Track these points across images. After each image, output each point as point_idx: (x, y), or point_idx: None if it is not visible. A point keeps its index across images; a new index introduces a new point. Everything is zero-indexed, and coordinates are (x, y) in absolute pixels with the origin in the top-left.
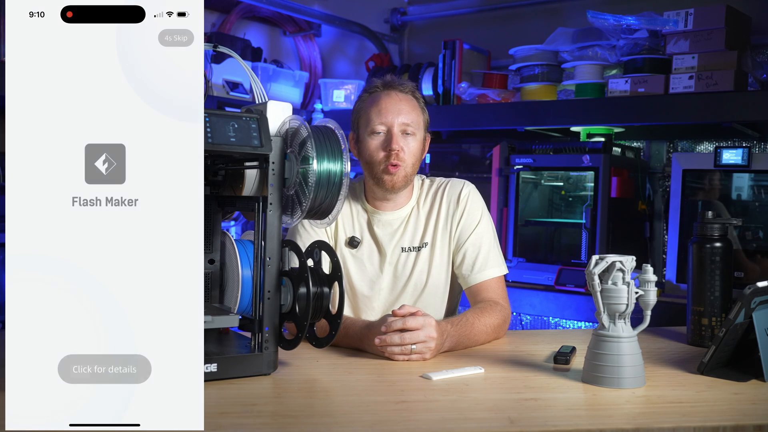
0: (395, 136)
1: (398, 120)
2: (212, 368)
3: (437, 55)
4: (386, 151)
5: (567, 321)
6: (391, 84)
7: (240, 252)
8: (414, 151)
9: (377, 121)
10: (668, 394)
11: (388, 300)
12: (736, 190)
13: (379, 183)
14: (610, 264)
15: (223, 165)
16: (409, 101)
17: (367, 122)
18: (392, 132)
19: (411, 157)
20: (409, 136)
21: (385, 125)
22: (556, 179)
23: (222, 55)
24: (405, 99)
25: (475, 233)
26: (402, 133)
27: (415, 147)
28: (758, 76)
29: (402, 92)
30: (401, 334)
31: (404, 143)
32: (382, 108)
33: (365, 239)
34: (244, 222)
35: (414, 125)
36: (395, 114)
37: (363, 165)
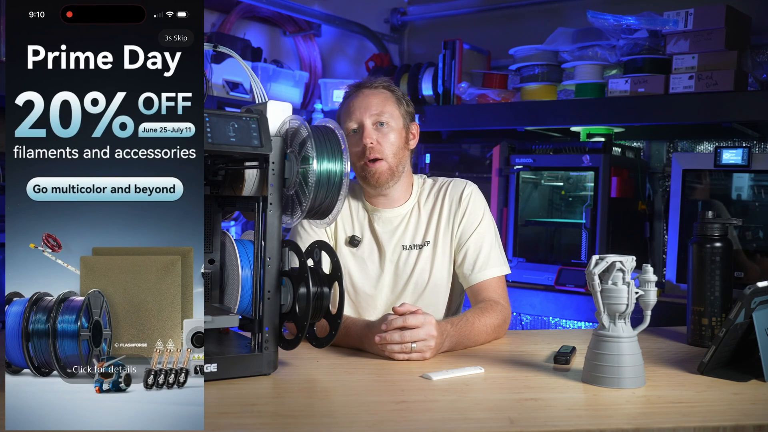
0: (367, 130)
1: (368, 114)
2: (212, 368)
3: (437, 55)
4: (361, 146)
5: (567, 321)
6: (362, 84)
7: (240, 252)
8: (393, 141)
9: (349, 120)
10: (668, 394)
11: (389, 298)
12: (736, 190)
13: (365, 180)
14: (610, 264)
15: (223, 165)
16: (380, 94)
17: (343, 123)
18: (364, 126)
19: (391, 148)
20: (384, 126)
21: (356, 122)
22: (556, 179)
23: (222, 55)
24: (374, 93)
25: (477, 232)
26: (375, 125)
27: (392, 137)
28: (758, 76)
29: (371, 88)
30: (401, 332)
31: (379, 136)
32: (352, 106)
33: (366, 237)
34: (244, 222)
35: (387, 115)
36: (364, 109)
37: (352, 167)
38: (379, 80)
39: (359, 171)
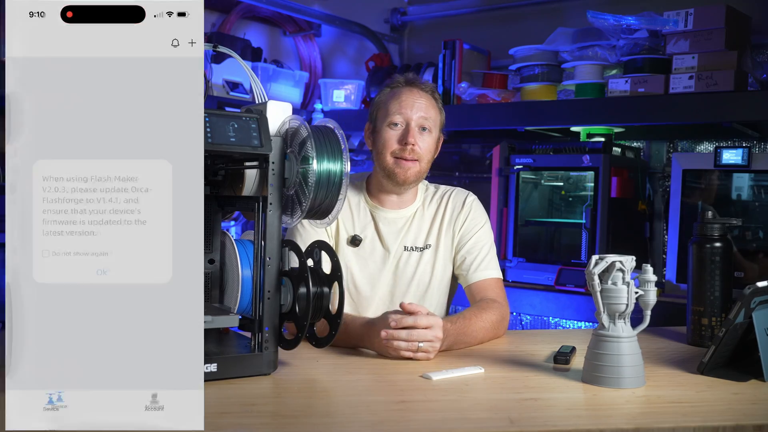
0: (412, 130)
1: (417, 115)
2: (212, 368)
3: (437, 55)
4: (401, 143)
5: (567, 321)
6: (413, 81)
7: (240, 252)
8: (429, 147)
9: (396, 113)
10: (668, 394)
11: (387, 298)
12: (736, 190)
13: (390, 176)
14: (610, 264)
15: (223, 165)
16: (429, 99)
17: (386, 114)
18: (410, 126)
19: (426, 154)
20: (426, 132)
21: (404, 118)
22: (556, 179)
23: (222, 55)
24: (425, 96)
25: (477, 236)
26: (419, 129)
27: (430, 144)
28: (758, 76)
29: (423, 90)
30: (409, 332)
31: (420, 139)
32: (402, 101)
33: (368, 236)
34: (244, 222)
35: (431, 122)
36: (415, 109)
37: (375, 157)
38: (430, 84)
39: (389, 164)
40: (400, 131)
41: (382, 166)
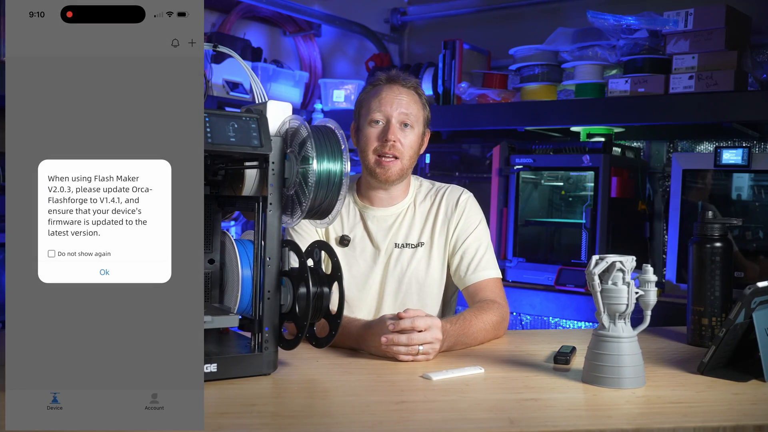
0: (393, 127)
1: (397, 111)
2: (212, 368)
3: (437, 55)
4: (382, 140)
5: (567, 321)
6: (395, 78)
7: (240, 252)
8: (411, 144)
9: (377, 110)
10: (668, 394)
11: (379, 297)
12: (736, 190)
13: (373, 173)
14: (610, 264)
15: (223, 165)
16: (411, 95)
17: (368, 112)
18: (390, 122)
19: (408, 150)
20: (408, 128)
21: (384, 115)
22: (556, 179)
23: (222, 55)
24: (406, 92)
25: (473, 236)
26: (400, 125)
27: (412, 140)
28: (758, 76)
29: (404, 86)
30: (409, 335)
31: (401, 135)
32: (382, 98)
33: (358, 235)
34: (244, 222)
35: (413, 118)
36: (395, 105)
37: (360, 155)
38: (412, 80)
39: (371, 162)
40: (381, 128)
41: (365, 164)
